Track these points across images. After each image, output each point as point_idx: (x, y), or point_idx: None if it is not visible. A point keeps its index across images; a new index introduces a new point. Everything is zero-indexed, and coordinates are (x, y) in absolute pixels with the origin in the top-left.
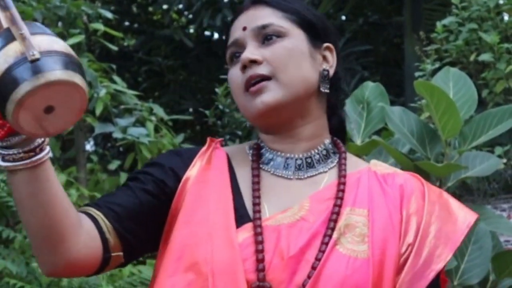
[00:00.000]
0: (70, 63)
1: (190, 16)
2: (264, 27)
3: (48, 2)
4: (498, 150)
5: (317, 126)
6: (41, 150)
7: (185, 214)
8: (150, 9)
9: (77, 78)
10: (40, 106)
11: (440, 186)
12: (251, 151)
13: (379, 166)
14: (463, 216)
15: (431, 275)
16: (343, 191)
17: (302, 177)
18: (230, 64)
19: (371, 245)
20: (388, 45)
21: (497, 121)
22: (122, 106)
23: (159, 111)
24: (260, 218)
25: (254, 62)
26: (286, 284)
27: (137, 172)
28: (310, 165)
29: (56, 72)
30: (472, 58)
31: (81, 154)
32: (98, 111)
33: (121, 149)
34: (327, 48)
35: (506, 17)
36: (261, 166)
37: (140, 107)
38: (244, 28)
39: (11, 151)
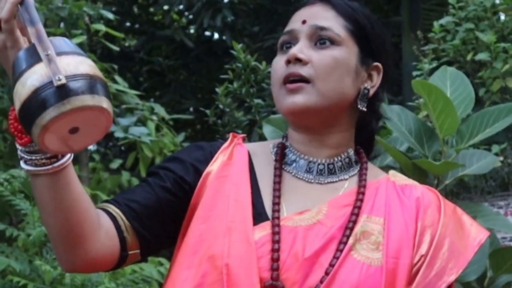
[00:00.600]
0: (95, 86)
1: (191, 16)
2: (322, 28)
3: (50, 3)
4: (495, 148)
5: (344, 136)
6: (63, 155)
7: (204, 208)
8: (151, 9)
9: (102, 101)
10: (65, 129)
11: (438, 184)
12: (275, 150)
13: (398, 177)
14: (475, 232)
15: (442, 286)
16: (361, 200)
17: (323, 182)
18: (279, 51)
19: (385, 253)
20: None
21: (494, 119)
22: (124, 106)
23: (160, 110)
24: (278, 218)
25: (299, 60)
26: (299, 285)
27: (158, 167)
28: (332, 172)
29: (82, 97)
30: (469, 57)
31: (84, 153)
32: None
33: (122, 148)
34: (375, 67)
35: (502, 17)
36: (283, 166)
37: (142, 106)
38: (304, 22)
39: (33, 156)
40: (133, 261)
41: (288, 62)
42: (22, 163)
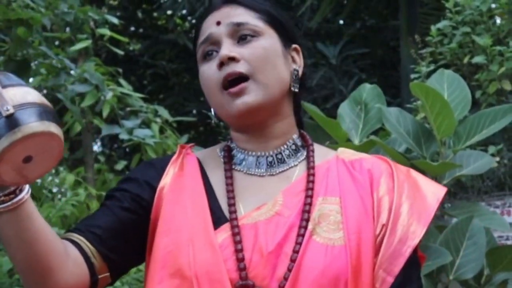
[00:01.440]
0: (44, 113)
1: (193, 21)
2: (239, 24)
3: (56, 8)
4: (491, 149)
5: (287, 124)
6: (21, 191)
7: (164, 222)
8: (155, 14)
9: (52, 127)
10: (19, 158)
11: None
12: (222, 153)
13: (346, 153)
14: (432, 191)
15: (407, 251)
16: (312, 182)
17: (274, 173)
18: (202, 62)
19: (346, 231)
20: (384, 48)
21: (490, 121)
22: (128, 108)
23: (163, 113)
24: (236, 218)
25: (232, 59)
26: (268, 279)
27: (113, 189)
28: (281, 161)
29: (31, 125)
30: (465, 60)
31: (89, 155)
32: (105, 113)
33: (127, 149)
34: (295, 49)
35: (498, 21)
36: (233, 167)
37: (146, 109)
38: (218, 23)
39: None
40: (104, 284)
41: (221, 65)
42: None
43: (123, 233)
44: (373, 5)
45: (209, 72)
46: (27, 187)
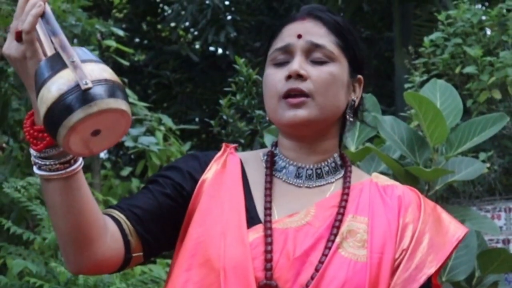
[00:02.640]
0: (118, 91)
1: (196, 33)
2: (317, 46)
3: (64, 21)
4: (482, 155)
5: (331, 144)
6: (75, 161)
7: (200, 213)
8: (159, 26)
9: (124, 105)
10: (89, 131)
11: (428, 190)
12: (265, 158)
13: (380, 178)
14: (453, 229)
15: (422, 278)
16: (346, 200)
17: (311, 186)
18: (270, 65)
19: (370, 250)
20: (379, 59)
21: (481, 128)
22: (133, 117)
23: (167, 121)
24: (270, 221)
25: (300, 76)
26: (291, 283)
27: (157, 175)
28: (320, 176)
29: (107, 101)
30: (457, 70)
31: (96, 161)
32: None
33: (132, 156)
34: (358, 80)
35: (488, 32)
36: (273, 173)
37: (150, 117)
38: (299, 36)
39: (47, 162)
40: (136, 263)
41: (289, 77)
42: (35, 169)
43: (161, 217)
44: (368, 17)
45: (275, 78)
46: (80, 159)
